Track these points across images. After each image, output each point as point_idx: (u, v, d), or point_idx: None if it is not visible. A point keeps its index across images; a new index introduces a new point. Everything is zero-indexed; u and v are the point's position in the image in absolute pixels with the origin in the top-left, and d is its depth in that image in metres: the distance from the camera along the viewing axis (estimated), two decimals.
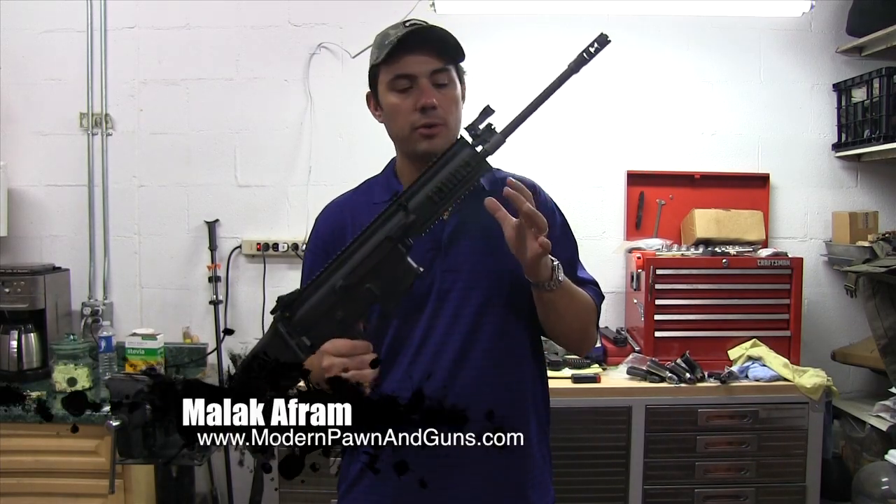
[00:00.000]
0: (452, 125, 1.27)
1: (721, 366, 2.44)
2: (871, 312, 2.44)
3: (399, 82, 1.25)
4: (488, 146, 1.12)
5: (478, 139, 1.12)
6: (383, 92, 1.28)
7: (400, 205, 1.11)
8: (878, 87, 2.62)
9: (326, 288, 1.13)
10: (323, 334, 1.13)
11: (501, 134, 1.12)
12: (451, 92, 1.26)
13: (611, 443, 2.32)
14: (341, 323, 1.12)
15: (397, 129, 1.28)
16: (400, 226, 1.11)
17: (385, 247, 1.11)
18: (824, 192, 2.89)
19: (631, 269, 2.69)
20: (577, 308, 1.29)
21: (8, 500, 2.24)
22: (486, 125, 1.12)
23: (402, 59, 1.23)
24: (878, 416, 2.50)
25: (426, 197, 1.10)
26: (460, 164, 1.11)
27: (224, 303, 2.87)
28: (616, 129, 2.87)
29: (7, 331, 2.60)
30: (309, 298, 1.14)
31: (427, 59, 1.23)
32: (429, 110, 1.23)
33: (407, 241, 1.12)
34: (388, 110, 1.28)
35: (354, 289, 1.12)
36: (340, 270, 1.13)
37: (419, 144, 1.26)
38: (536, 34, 2.83)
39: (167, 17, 2.84)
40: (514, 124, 1.14)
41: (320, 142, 2.85)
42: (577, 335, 1.34)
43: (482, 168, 1.12)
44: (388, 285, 1.12)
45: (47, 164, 2.87)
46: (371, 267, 1.12)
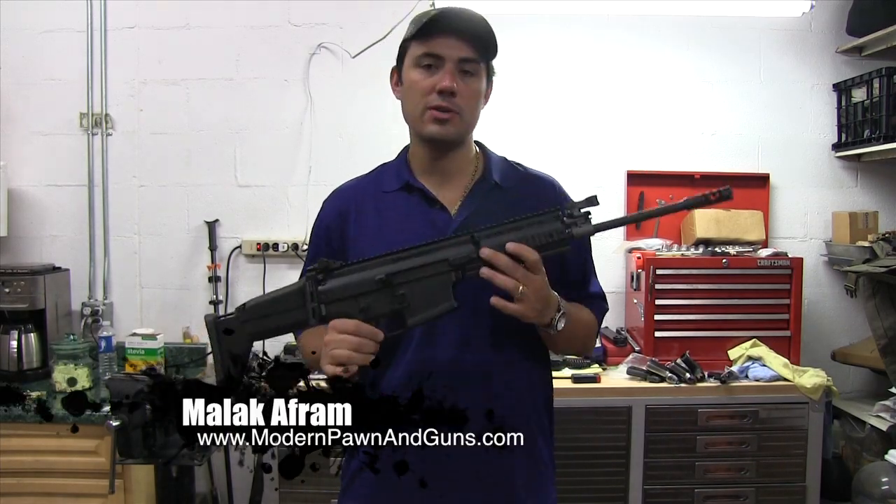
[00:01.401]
0: (467, 118, 1.25)
1: (721, 366, 2.44)
2: (871, 312, 2.44)
3: (425, 59, 1.23)
4: (576, 231, 1.11)
5: (571, 219, 1.11)
6: (408, 67, 1.26)
7: (473, 239, 1.11)
8: (878, 87, 2.62)
9: (366, 273, 1.14)
10: (342, 313, 1.13)
11: (593, 227, 1.11)
12: (474, 84, 1.25)
13: (611, 443, 2.32)
14: (362, 311, 1.13)
15: (411, 107, 1.26)
16: (464, 256, 1.11)
17: (439, 267, 1.12)
18: (824, 192, 2.89)
19: (631, 269, 2.69)
20: (578, 335, 1.28)
21: (8, 500, 2.24)
22: (585, 212, 1.11)
23: (434, 39, 1.22)
24: (878, 416, 2.50)
25: (499, 244, 1.10)
26: (545, 231, 1.11)
27: (224, 303, 2.87)
28: (616, 129, 2.87)
29: (7, 331, 2.60)
30: (345, 275, 1.14)
31: (459, 45, 1.22)
32: (447, 95, 1.21)
33: (461, 272, 1.12)
34: (407, 85, 1.26)
35: (391, 288, 1.12)
36: (388, 266, 1.13)
37: (428, 126, 1.24)
38: (536, 34, 2.83)
39: (167, 17, 2.84)
40: (608, 224, 1.12)
41: (320, 142, 2.85)
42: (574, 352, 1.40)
43: (562, 245, 1.12)
44: (421, 301, 1.13)
45: (47, 164, 2.87)
46: (418, 277, 1.12)
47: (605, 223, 1.12)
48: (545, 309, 1.14)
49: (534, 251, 1.10)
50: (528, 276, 1.10)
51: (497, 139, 2.67)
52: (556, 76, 2.84)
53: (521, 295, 1.09)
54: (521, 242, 1.10)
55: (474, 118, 1.28)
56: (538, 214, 1.12)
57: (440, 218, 1.28)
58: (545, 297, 1.14)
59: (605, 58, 2.84)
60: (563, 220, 1.11)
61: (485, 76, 1.28)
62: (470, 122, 1.27)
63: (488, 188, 1.31)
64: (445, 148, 1.28)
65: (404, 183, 1.31)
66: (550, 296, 1.15)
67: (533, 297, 1.11)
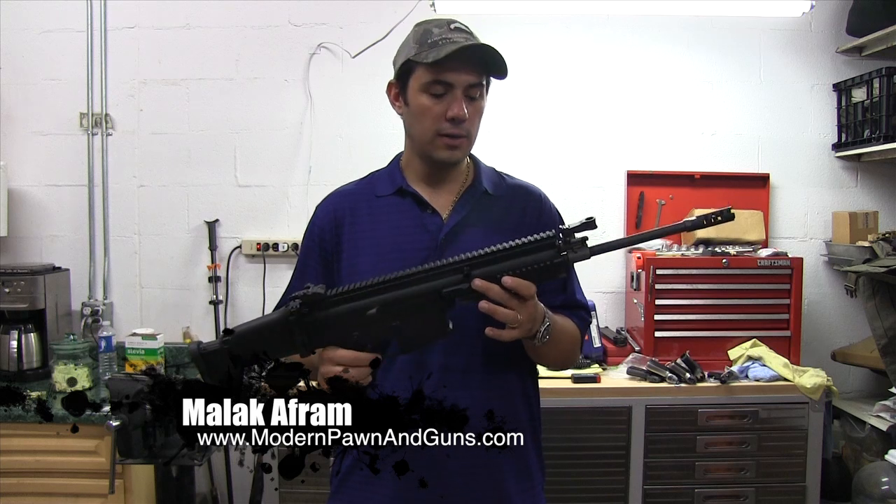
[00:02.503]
0: (473, 137, 1.28)
1: (721, 366, 2.44)
2: (871, 312, 2.44)
3: (436, 87, 1.23)
4: (573, 256, 1.09)
5: (567, 245, 1.09)
6: (415, 90, 1.26)
7: (465, 273, 1.09)
8: (878, 87, 2.62)
9: (355, 306, 1.12)
10: (331, 344, 1.13)
11: (590, 250, 1.10)
12: (479, 104, 1.27)
13: (611, 443, 2.32)
14: (355, 343, 1.12)
15: (421, 131, 1.27)
16: (455, 289, 1.10)
17: (431, 298, 1.11)
18: (824, 192, 2.89)
19: (631, 269, 2.69)
20: (561, 347, 1.28)
21: (8, 500, 2.24)
22: (581, 237, 1.09)
23: (447, 69, 1.22)
24: (878, 416, 2.50)
25: (492, 275, 1.09)
26: (539, 259, 1.09)
27: (224, 303, 2.87)
28: (616, 129, 2.87)
29: (7, 331, 2.60)
30: (332, 307, 1.12)
31: (469, 73, 1.23)
32: (458, 122, 1.23)
33: (454, 302, 1.11)
34: (417, 111, 1.26)
35: (383, 321, 1.12)
36: (378, 297, 1.12)
37: (440, 152, 1.26)
38: (536, 34, 2.83)
39: (167, 17, 2.83)
40: (604, 248, 1.11)
41: (320, 142, 2.85)
42: (557, 365, 1.36)
43: (558, 272, 1.10)
44: (414, 331, 1.12)
45: (47, 164, 2.87)
46: (409, 308, 1.11)
47: (601, 246, 1.11)
48: (533, 325, 1.15)
49: (531, 285, 1.08)
50: (522, 306, 1.10)
51: (497, 140, 2.70)
52: (557, 76, 2.83)
53: (518, 324, 1.10)
54: (516, 271, 1.08)
55: (478, 134, 1.30)
56: (532, 242, 1.09)
57: (432, 222, 1.29)
58: (535, 318, 1.14)
59: (605, 58, 2.84)
60: (558, 244, 1.09)
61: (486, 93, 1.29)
62: (474, 140, 1.30)
63: (478, 195, 1.33)
64: (451, 166, 1.31)
65: (398, 188, 1.32)
66: (538, 312, 1.15)
67: (527, 322, 1.11)
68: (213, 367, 1.15)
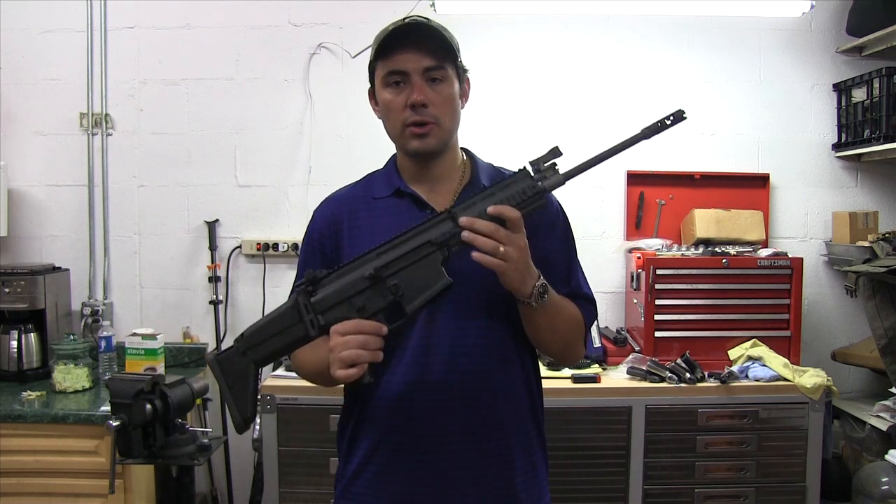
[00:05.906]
0: (446, 124, 1.26)
1: (721, 366, 2.44)
2: (871, 312, 2.44)
3: (392, 78, 1.24)
4: (547, 183, 1.13)
5: (539, 174, 1.13)
6: (379, 88, 1.28)
7: (450, 214, 1.12)
8: (878, 87, 2.62)
9: (355, 273, 1.15)
10: (339, 318, 1.14)
11: (563, 176, 1.13)
12: (445, 89, 1.25)
13: (611, 443, 2.32)
14: (360, 311, 1.13)
15: (391, 127, 1.28)
16: (445, 233, 1.12)
17: (424, 250, 1.13)
18: (824, 192, 2.89)
19: (631, 269, 2.69)
20: (560, 326, 1.27)
21: (8, 500, 2.24)
22: (550, 164, 1.13)
23: (395, 55, 1.23)
24: (878, 416, 2.50)
25: (478, 212, 1.11)
26: (517, 191, 1.12)
27: (224, 303, 2.88)
28: (616, 128, 2.85)
29: (7, 331, 2.61)
30: (336, 280, 1.15)
31: (419, 56, 1.22)
32: (419, 108, 1.22)
33: (447, 249, 1.12)
34: (383, 107, 1.28)
35: (382, 280, 1.13)
36: (375, 261, 1.14)
37: (411, 143, 1.25)
38: (536, 34, 2.83)
39: (167, 17, 2.84)
40: (576, 170, 1.15)
41: (320, 142, 2.85)
42: (558, 349, 1.33)
43: (537, 201, 1.13)
44: (415, 286, 1.13)
45: (47, 164, 2.87)
46: (405, 265, 1.13)
47: (573, 170, 1.14)
48: (527, 274, 1.14)
49: (514, 209, 1.10)
50: (510, 236, 1.10)
51: (497, 139, 2.70)
52: (556, 76, 2.83)
53: (504, 255, 1.09)
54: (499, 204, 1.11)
55: (454, 122, 1.29)
56: (508, 178, 1.14)
57: None
58: (527, 262, 1.13)
59: (605, 58, 2.84)
60: (532, 175, 1.13)
61: (455, 78, 1.28)
62: (450, 128, 1.28)
63: (476, 188, 1.31)
64: (430, 157, 1.29)
65: (395, 189, 1.31)
66: (531, 264, 1.15)
67: (515, 255, 1.10)
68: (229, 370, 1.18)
